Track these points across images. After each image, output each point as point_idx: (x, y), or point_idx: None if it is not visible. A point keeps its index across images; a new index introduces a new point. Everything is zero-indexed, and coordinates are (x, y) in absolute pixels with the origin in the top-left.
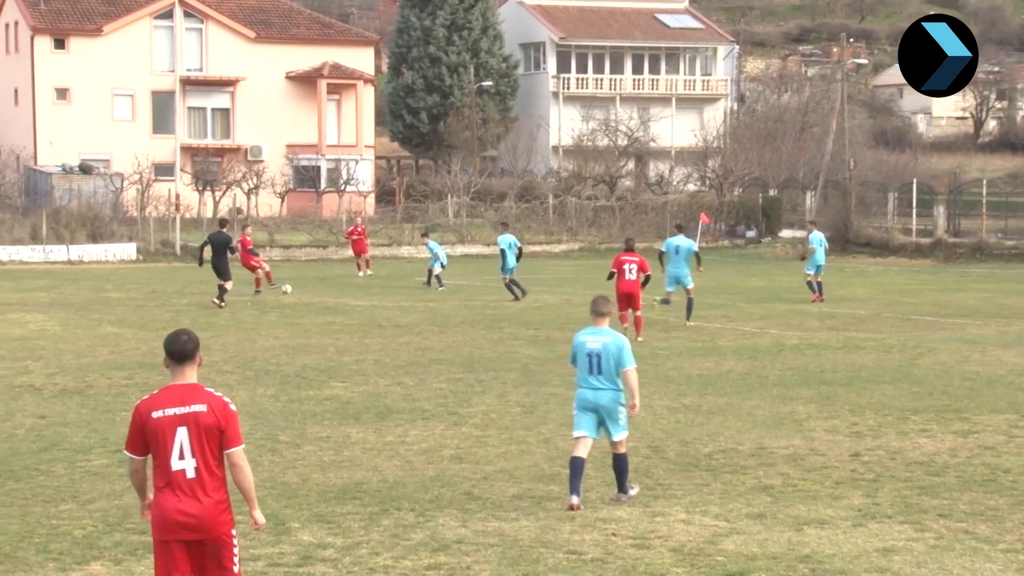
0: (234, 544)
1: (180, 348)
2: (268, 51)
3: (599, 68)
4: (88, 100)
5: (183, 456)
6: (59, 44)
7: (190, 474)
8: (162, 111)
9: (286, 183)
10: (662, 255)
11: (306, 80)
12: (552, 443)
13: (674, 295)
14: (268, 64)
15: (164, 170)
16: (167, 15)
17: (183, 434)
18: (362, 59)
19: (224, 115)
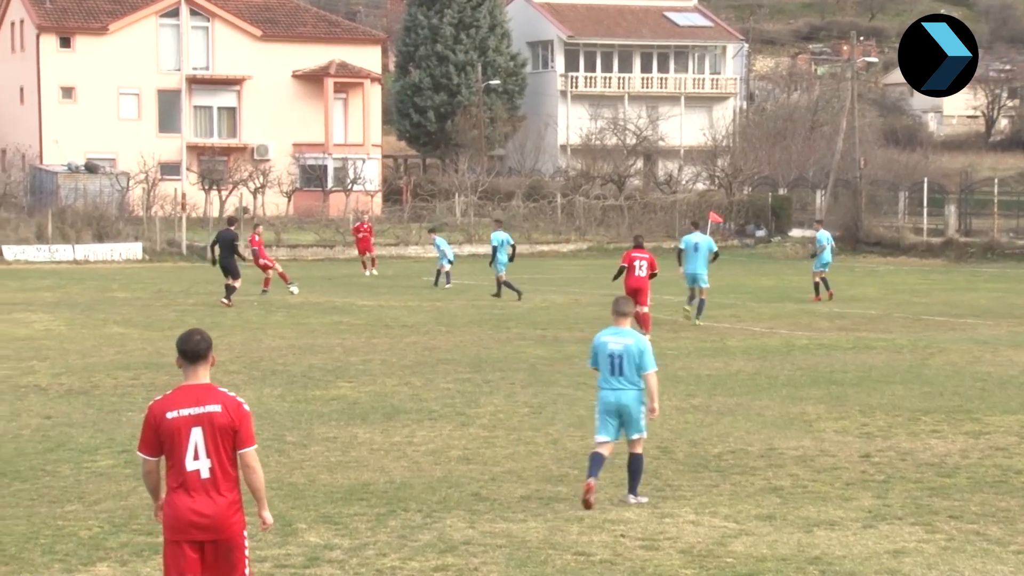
0: (245, 545)
1: (193, 348)
2: (275, 50)
3: (607, 66)
4: (94, 99)
5: (197, 456)
6: (65, 43)
7: (204, 474)
8: (168, 110)
9: (292, 182)
10: (680, 252)
11: (313, 79)
12: (560, 444)
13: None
14: (275, 63)
15: (170, 169)
16: (173, 13)
17: (198, 434)
18: (369, 58)
19: (230, 114)
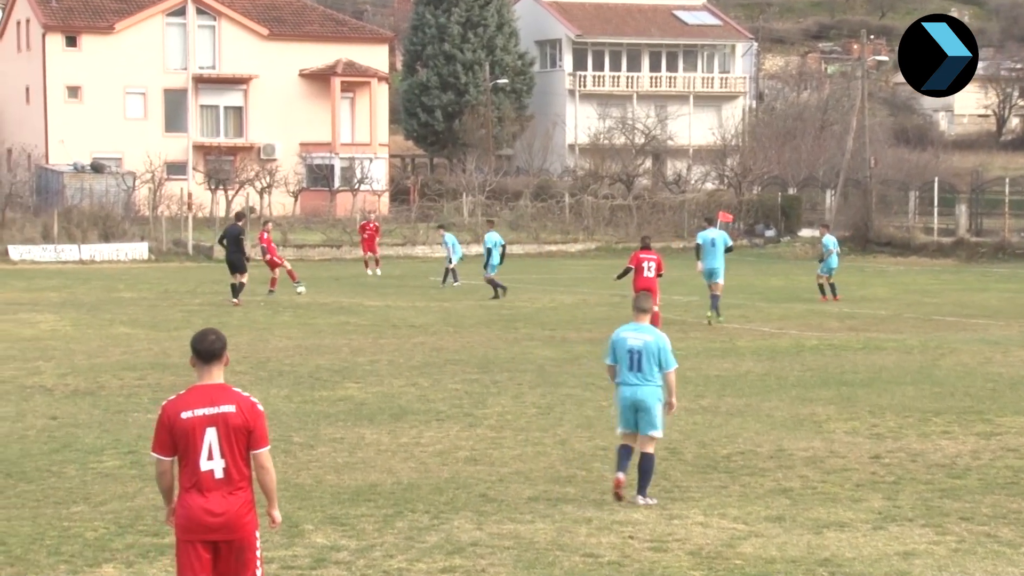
0: (258, 546)
1: (208, 347)
2: (281, 48)
3: (616, 65)
4: (100, 98)
5: (212, 457)
6: (71, 42)
7: (218, 475)
8: (174, 109)
9: (299, 182)
10: (698, 248)
11: (320, 78)
12: (568, 445)
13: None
14: (281, 62)
15: (176, 169)
16: (179, 12)
17: (212, 435)
18: (376, 57)
19: (237, 113)
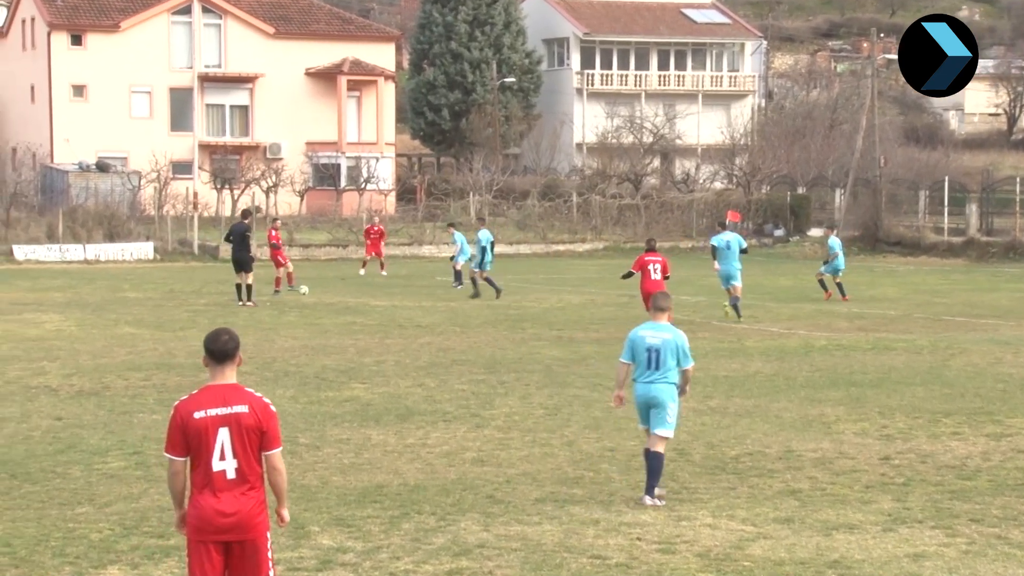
0: (269, 547)
1: (221, 347)
2: (287, 47)
3: (624, 64)
4: (105, 97)
5: (224, 457)
6: (76, 40)
7: (230, 475)
8: (180, 108)
9: (305, 181)
10: (715, 251)
11: (326, 77)
12: (576, 446)
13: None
14: (287, 60)
15: (182, 168)
16: (185, 11)
17: (225, 435)
18: (383, 55)
19: (243, 112)
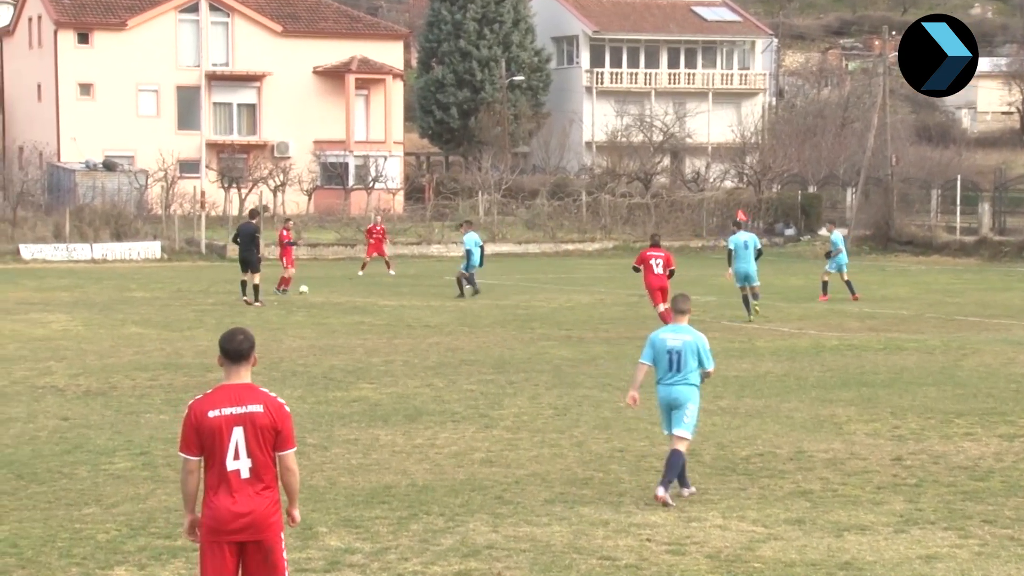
0: (283, 547)
1: (236, 347)
2: (295, 45)
3: (634, 62)
4: (112, 95)
5: (238, 456)
6: (83, 38)
7: (244, 474)
8: (187, 107)
9: (313, 180)
10: (730, 253)
11: (334, 75)
12: (585, 446)
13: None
14: (295, 59)
15: (189, 167)
16: (192, 9)
17: (239, 434)
18: (391, 53)
19: (250, 111)
